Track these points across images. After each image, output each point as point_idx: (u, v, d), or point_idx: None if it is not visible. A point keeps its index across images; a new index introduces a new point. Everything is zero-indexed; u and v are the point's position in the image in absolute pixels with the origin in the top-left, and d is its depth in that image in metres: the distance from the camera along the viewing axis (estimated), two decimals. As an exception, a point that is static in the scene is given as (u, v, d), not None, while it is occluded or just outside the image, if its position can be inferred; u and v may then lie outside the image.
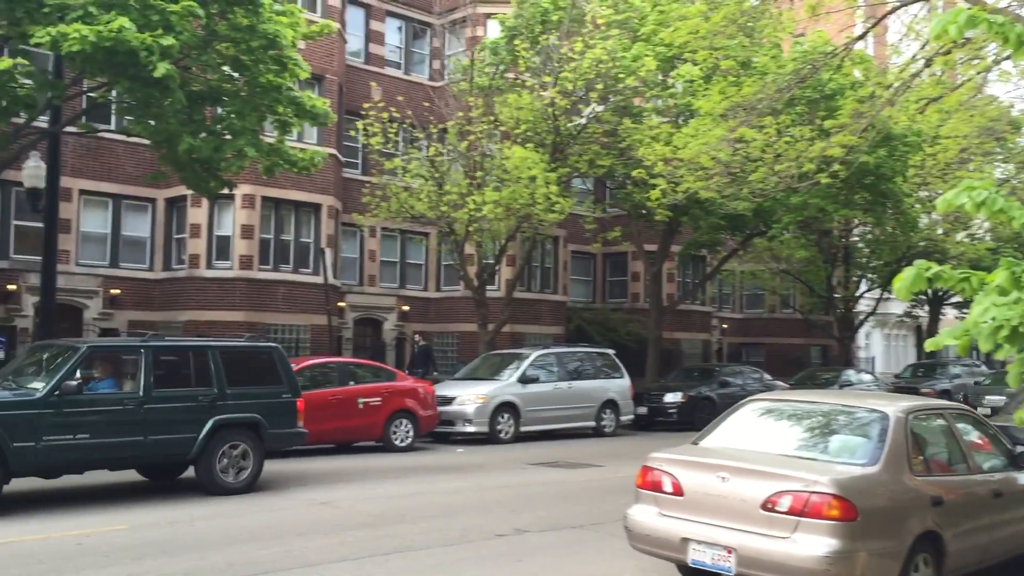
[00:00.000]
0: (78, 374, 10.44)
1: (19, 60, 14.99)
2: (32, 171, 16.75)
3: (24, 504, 10.71)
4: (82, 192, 22.58)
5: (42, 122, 16.52)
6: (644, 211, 24.82)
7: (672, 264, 32.26)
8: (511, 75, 23.93)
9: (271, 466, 14.41)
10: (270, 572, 7.67)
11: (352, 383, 17.37)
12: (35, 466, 10.17)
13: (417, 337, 24.51)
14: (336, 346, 24.21)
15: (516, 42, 22.96)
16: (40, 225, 18.14)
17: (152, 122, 14.74)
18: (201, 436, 11.22)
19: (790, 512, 6.17)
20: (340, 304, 25.57)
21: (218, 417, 11.40)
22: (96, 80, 15.24)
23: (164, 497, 11.36)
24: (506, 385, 19.87)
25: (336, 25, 17.41)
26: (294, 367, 16.75)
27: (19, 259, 21.48)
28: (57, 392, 10.13)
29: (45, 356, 11.08)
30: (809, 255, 30.04)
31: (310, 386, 16.57)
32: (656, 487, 6.98)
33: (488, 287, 24.78)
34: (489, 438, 19.13)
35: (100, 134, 18.39)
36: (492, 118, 22.98)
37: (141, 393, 10.86)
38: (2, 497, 9.89)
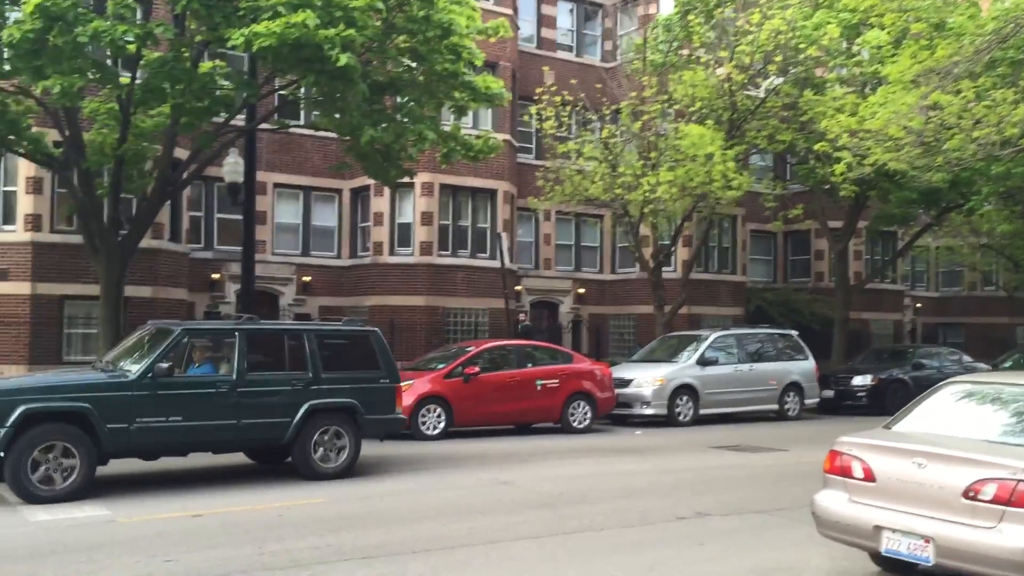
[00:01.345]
0: (171, 356, 10.46)
1: (218, 63, 16.09)
2: (232, 167, 17.90)
3: (231, 478, 11.51)
4: (276, 185, 23.97)
5: (239, 121, 17.60)
6: (828, 186, 23.78)
7: (859, 241, 30.76)
8: (685, 52, 23.46)
9: (451, 446, 14.87)
10: (455, 547, 7.90)
11: (530, 365, 17.60)
12: (128, 447, 10.22)
13: (521, 316, 24.10)
14: (513, 329, 24.59)
15: (690, 17, 22.47)
16: (239, 217, 19.39)
17: (337, 115, 15.41)
18: (295, 421, 11.02)
19: (995, 501, 5.77)
20: (517, 288, 25.94)
21: (313, 402, 11.18)
22: (286, 78, 16.08)
23: (356, 473, 11.90)
24: (684, 367, 19.59)
25: (509, 20, 17.55)
26: (474, 349, 17.26)
27: (222, 250, 23.07)
28: (150, 375, 10.16)
29: (148, 339, 11.15)
30: (1014, 228, 27.84)
31: (489, 368, 16.97)
32: (845, 472, 6.70)
33: (664, 268, 24.46)
34: (667, 421, 18.93)
35: (291, 130, 19.44)
36: (666, 97, 22.61)
37: (235, 376, 10.78)
38: (99, 479, 10.04)
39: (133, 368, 10.34)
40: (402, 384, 15.82)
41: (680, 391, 19.16)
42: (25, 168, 18.92)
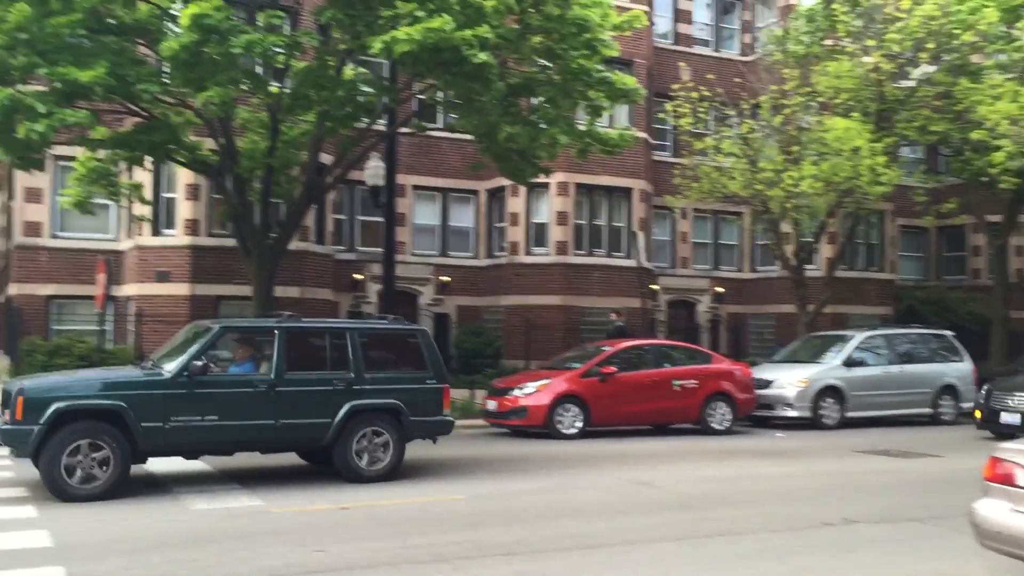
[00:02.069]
0: (209, 354, 10.31)
1: (359, 70, 16.60)
2: (373, 171, 18.45)
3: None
4: (415, 187, 24.54)
5: (380, 125, 18.11)
6: (985, 178, 22.46)
7: (1021, 236, 28.93)
8: (829, 42, 22.65)
9: (588, 446, 14.83)
10: (595, 547, 7.88)
11: (667, 365, 17.38)
12: (164, 446, 10.09)
13: (613, 315, 23.43)
14: (650, 328, 24.35)
15: (834, 6, 21.69)
16: (380, 219, 19.97)
17: (474, 116, 15.64)
18: (336, 421, 10.68)
19: None
20: (653, 287, 25.66)
21: (354, 402, 10.81)
22: (424, 82, 16.43)
23: (494, 471, 12.04)
24: (829, 368, 18.92)
25: (644, 12, 17.38)
26: (610, 349, 17.18)
27: (364, 251, 23.80)
28: (186, 373, 10.02)
29: (190, 338, 10.94)
30: None
31: (626, 368, 16.85)
32: (1008, 480, 6.30)
33: (807, 266, 23.68)
34: (811, 423, 18.33)
35: (429, 132, 19.85)
36: (808, 89, 21.89)
37: (273, 375, 10.51)
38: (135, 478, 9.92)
39: (170, 366, 10.23)
40: (539, 383, 16.05)
41: (825, 393, 18.51)
42: (184, 176, 20.05)
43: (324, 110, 15.50)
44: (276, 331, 10.76)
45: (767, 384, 18.44)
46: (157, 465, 11.15)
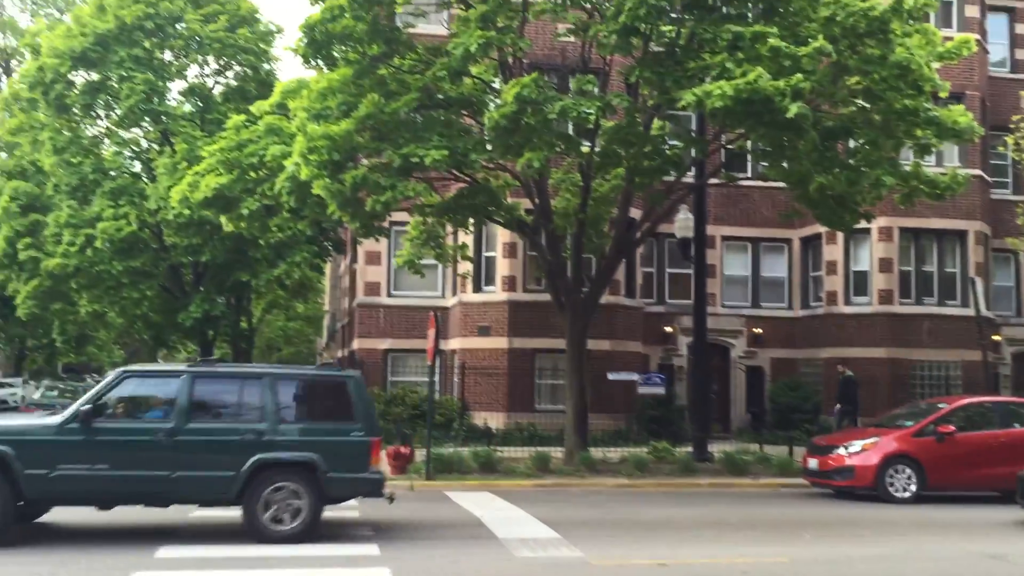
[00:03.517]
0: (105, 400, 9.78)
1: (666, 124, 16.75)
2: (682, 223, 18.43)
3: (700, 527, 11.60)
4: (724, 238, 24.18)
5: (688, 178, 18.10)
6: None
7: None
8: None
9: (924, 511, 13.55)
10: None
11: (1017, 425, 15.56)
12: (49, 495, 9.66)
13: (840, 367, 21.20)
14: (992, 384, 21.99)
15: None
16: (689, 271, 19.84)
17: (786, 164, 15.18)
18: (240, 475, 9.73)
19: None
20: (995, 337, 23.21)
21: (262, 455, 9.83)
22: (733, 132, 16.23)
23: (820, 534, 11.35)
24: None
25: (974, 38, 16.04)
26: (948, 406, 15.69)
27: (673, 303, 23.75)
28: (76, 419, 9.53)
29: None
30: None
31: (965, 427, 15.31)
32: None
33: None
34: None
35: (738, 182, 19.54)
36: None
37: (172, 424, 9.77)
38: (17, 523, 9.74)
39: (65, 413, 9.81)
40: (867, 442, 14.97)
41: None
42: (502, 235, 21.24)
43: (633, 165, 15.78)
44: (183, 376, 10.13)
45: None
46: (470, 505, 11.67)
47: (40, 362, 52.94)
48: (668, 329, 23.69)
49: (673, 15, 14.69)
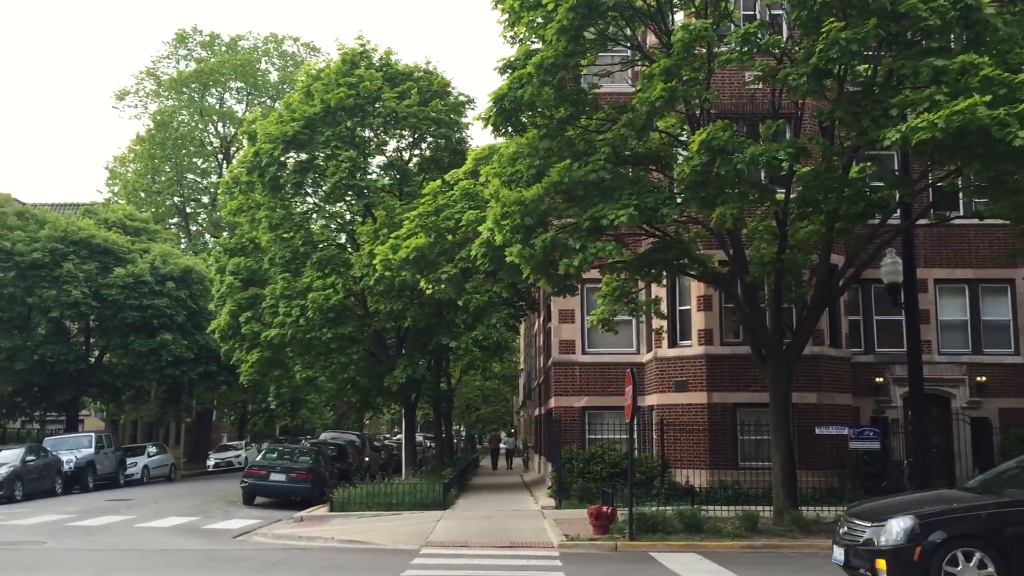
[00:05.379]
0: None
1: (866, 165, 16.04)
2: (889, 267, 17.49)
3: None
4: (937, 281, 22.67)
5: (894, 220, 17.20)
6: None
7: None
8: None
9: None
10: None
11: None
12: None
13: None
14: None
15: None
16: (899, 318, 18.73)
17: (1008, 198, 14.14)
18: None
19: None
20: None
21: None
22: (943, 168, 15.31)
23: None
24: None
25: None
26: None
27: (883, 352, 22.42)
28: None
29: None
30: None
31: None
32: None
33: None
34: None
35: (950, 222, 18.37)
36: None
37: None
38: None
39: None
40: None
41: None
42: (696, 288, 20.88)
43: (832, 211, 15.17)
44: None
45: None
46: (676, 566, 11.26)
47: (260, 425, 56.72)
48: (879, 379, 22.34)
49: (867, 53, 14.13)
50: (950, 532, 9.80)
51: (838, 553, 10.70)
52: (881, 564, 9.92)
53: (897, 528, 9.95)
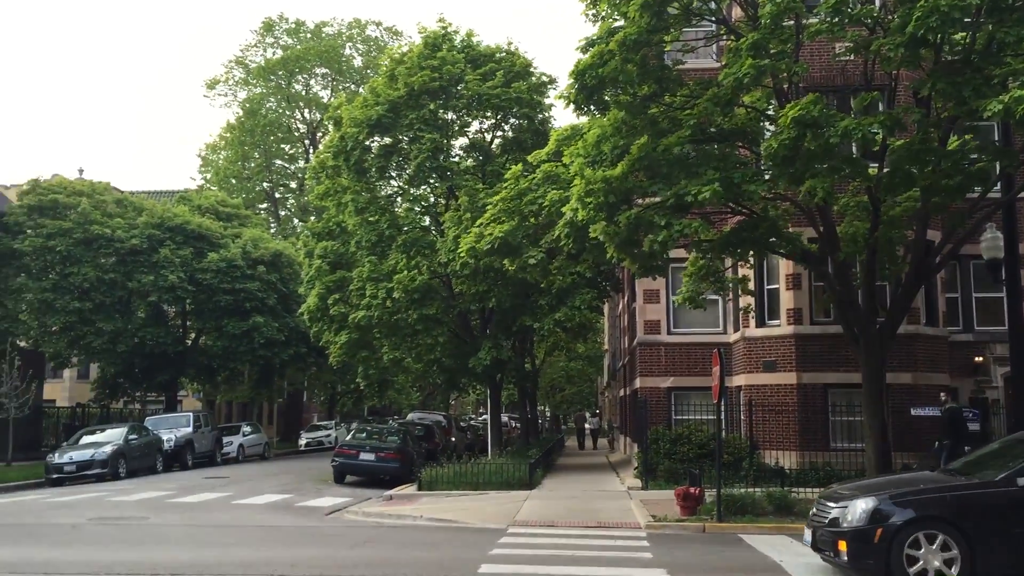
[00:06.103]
0: None
1: (967, 137, 15.42)
2: (990, 243, 16.82)
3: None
4: (1040, 256, 21.69)
5: (994, 193, 16.52)
6: None
7: None
8: None
9: None
10: None
11: None
12: None
13: (943, 395, 18.41)
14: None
15: None
16: (1001, 295, 18.01)
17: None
18: None
19: None
20: None
21: None
22: (1047, 138, 14.65)
23: None
24: None
25: None
26: None
27: (983, 331, 21.65)
28: None
29: None
30: None
31: None
32: None
33: None
34: None
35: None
36: None
37: None
38: None
39: None
40: None
41: None
42: (784, 266, 20.45)
43: (928, 184, 14.64)
44: None
45: None
46: (767, 548, 11.08)
47: (349, 406, 57.89)
48: (978, 359, 21.56)
49: (967, 20, 13.54)
50: (913, 514, 9.60)
51: (807, 535, 10.62)
52: (842, 546, 9.83)
53: (859, 509, 9.78)
